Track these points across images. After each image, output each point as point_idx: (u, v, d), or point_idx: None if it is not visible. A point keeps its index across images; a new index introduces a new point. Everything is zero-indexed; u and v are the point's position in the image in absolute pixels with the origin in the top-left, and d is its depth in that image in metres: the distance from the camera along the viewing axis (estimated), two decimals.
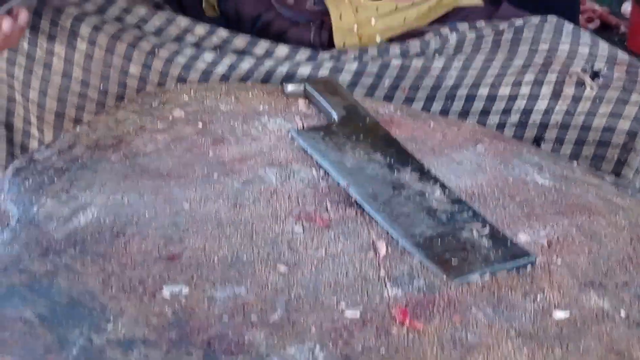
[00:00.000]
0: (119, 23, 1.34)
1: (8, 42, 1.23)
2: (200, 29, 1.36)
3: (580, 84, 1.28)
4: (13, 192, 1.01)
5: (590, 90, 1.27)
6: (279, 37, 1.41)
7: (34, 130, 1.39)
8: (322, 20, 1.42)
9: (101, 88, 1.33)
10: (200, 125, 1.14)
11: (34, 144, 1.39)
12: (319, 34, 1.42)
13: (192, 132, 1.13)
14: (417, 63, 1.28)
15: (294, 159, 1.08)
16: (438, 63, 1.30)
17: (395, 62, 1.32)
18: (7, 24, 1.18)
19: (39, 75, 1.35)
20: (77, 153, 1.09)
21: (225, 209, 0.98)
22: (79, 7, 1.35)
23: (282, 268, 0.88)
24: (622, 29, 2.96)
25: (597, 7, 3.03)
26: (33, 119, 1.38)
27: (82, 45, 1.32)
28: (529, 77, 1.28)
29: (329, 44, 1.42)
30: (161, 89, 1.27)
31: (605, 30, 2.94)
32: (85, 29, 1.32)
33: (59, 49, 1.33)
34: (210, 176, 1.04)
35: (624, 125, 1.24)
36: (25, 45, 1.35)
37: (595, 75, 1.29)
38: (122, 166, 1.06)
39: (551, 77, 1.29)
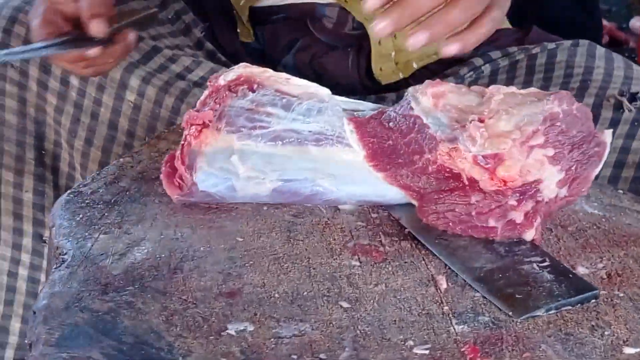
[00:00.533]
0: (166, 74, 1.34)
1: (124, 53, 1.24)
2: None
3: (618, 107, 1.28)
4: (64, 227, 1.01)
5: (628, 113, 1.28)
6: (316, 62, 1.41)
7: (78, 176, 1.38)
8: (361, 45, 1.42)
9: (146, 140, 1.33)
10: None
11: None
12: (357, 59, 1.42)
13: None
14: None
15: None
16: None
17: None
18: (132, 35, 1.20)
19: (85, 126, 1.35)
20: (124, 185, 1.09)
21: (280, 243, 0.98)
22: (127, 56, 1.35)
23: (344, 304, 0.88)
24: (631, 44, 2.97)
25: (605, 22, 3.04)
26: (77, 166, 1.37)
27: (130, 97, 1.32)
28: None
29: (367, 69, 1.42)
30: None
31: (614, 46, 2.95)
32: (134, 81, 1.32)
33: (107, 99, 1.33)
34: (260, 208, 1.04)
35: None
36: (73, 94, 1.35)
37: (632, 98, 1.29)
38: (170, 199, 1.05)
39: (588, 100, 1.30)
